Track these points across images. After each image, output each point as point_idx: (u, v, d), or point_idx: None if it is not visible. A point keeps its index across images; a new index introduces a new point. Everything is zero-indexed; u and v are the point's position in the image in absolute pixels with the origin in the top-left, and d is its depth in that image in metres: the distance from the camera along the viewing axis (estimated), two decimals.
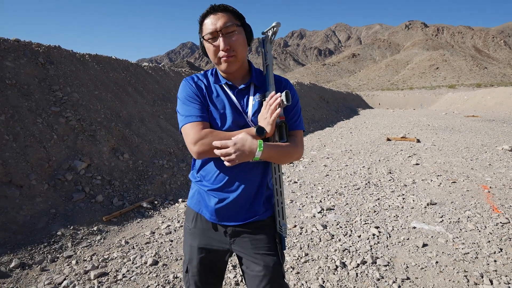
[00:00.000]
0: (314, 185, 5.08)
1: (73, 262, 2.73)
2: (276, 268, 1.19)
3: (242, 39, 1.13)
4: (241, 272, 1.36)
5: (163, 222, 3.63)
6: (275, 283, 1.18)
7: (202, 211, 1.25)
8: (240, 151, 1.03)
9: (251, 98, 1.20)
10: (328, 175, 5.70)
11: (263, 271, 1.17)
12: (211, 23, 1.10)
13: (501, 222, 3.41)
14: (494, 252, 2.79)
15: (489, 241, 3.00)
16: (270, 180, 1.25)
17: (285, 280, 1.26)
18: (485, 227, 3.33)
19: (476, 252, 2.81)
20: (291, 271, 2.58)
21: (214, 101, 1.19)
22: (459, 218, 3.58)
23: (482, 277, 2.42)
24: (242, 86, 1.20)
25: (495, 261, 2.65)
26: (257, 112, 1.18)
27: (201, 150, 1.09)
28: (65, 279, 2.46)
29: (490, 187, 4.68)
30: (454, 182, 5.03)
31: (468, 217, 3.62)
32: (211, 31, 1.09)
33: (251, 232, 1.22)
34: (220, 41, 1.09)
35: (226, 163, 1.05)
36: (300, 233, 3.27)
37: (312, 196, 4.50)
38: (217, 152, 1.06)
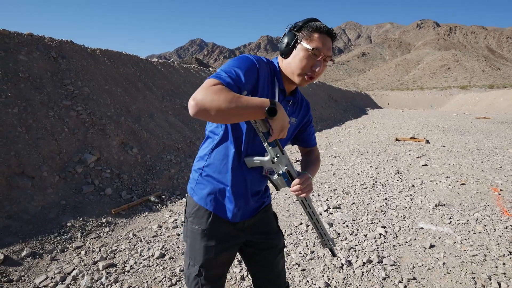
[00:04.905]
0: (321, 183, 5.07)
1: (82, 252, 2.78)
2: (283, 240, 1.45)
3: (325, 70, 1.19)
4: (247, 258, 1.42)
5: (170, 216, 3.67)
6: (282, 251, 1.43)
7: (221, 212, 1.22)
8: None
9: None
10: (335, 174, 5.68)
11: (279, 245, 1.40)
12: (324, 43, 1.11)
13: (511, 225, 3.35)
14: (503, 255, 2.75)
15: (498, 244, 2.96)
16: None
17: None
18: (495, 229, 3.28)
19: (485, 255, 2.77)
20: (296, 268, 2.59)
21: (265, 91, 1.15)
22: (467, 220, 3.54)
23: (490, 279, 2.39)
24: (290, 98, 1.26)
25: (504, 264, 2.62)
26: None
27: (204, 100, 0.91)
28: (74, 269, 2.52)
29: (501, 190, 4.60)
30: (464, 183, 4.96)
31: (477, 219, 3.57)
32: (321, 50, 1.10)
33: (262, 217, 1.35)
34: (321, 65, 1.12)
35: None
36: (306, 231, 3.27)
37: (318, 195, 4.49)
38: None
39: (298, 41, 1.11)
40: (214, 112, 0.90)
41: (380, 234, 3.20)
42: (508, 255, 2.75)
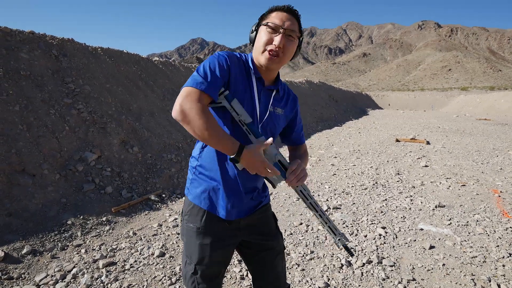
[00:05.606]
0: (321, 184, 5.07)
1: (82, 250, 2.79)
2: (283, 242, 1.44)
3: (293, 49, 1.18)
4: (246, 259, 1.41)
5: (170, 215, 3.68)
6: (282, 253, 1.41)
7: (215, 210, 1.23)
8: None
9: (270, 106, 1.26)
10: (335, 174, 5.68)
11: (278, 246, 1.38)
12: (281, 18, 1.13)
13: (511, 227, 3.36)
14: (503, 257, 2.75)
15: (498, 246, 2.96)
16: None
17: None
18: (494, 231, 3.28)
19: (484, 256, 2.77)
20: (296, 268, 2.59)
21: (242, 88, 1.18)
22: (467, 222, 3.54)
23: (490, 281, 2.40)
24: (271, 87, 1.26)
25: (503, 265, 2.62)
26: (265, 119, 1.24)
27: (186, 112, 1.01)
28: (74, 267, 2.52)
29: (501, 192, 4.60)
30: (464, 185, 4.96)
31: (477, 220, 3.57)
32: (278, 24, 1.12)
33: (260, 217, 1.33)
34: (279, 37, 1.12)
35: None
36: (306, 231, 3.28)
37: (319, 195, 4.49)
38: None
39: (257, 26, 1.18)
40: (191, 131, 1.02)
41: (380, 235, 3.20)
42: (508, 257, 2.76)
